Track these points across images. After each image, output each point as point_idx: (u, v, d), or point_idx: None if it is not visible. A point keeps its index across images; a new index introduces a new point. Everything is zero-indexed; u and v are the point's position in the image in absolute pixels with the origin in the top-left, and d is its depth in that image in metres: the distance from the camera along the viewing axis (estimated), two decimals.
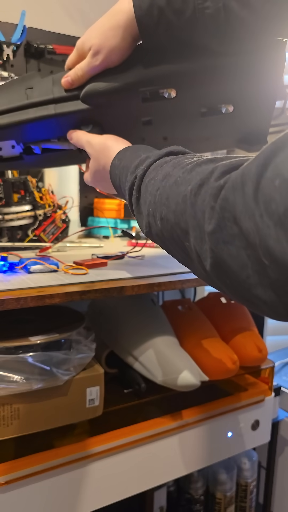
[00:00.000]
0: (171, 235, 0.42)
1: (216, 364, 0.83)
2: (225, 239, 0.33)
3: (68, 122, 0.65)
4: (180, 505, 1.10)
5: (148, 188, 0.47)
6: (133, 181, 0.51)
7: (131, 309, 0.88)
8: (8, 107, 0.64)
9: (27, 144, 0.69)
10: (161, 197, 0.43)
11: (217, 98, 0.65)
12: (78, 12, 1.23)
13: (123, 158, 0.57)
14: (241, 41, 0.59)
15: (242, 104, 0.66)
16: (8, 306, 0.58)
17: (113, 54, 0.60)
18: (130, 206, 0.53)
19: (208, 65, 0.61)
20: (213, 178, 0.35)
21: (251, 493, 1.14)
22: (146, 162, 0.50)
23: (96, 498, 0.76)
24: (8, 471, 0.67)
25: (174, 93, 0.62)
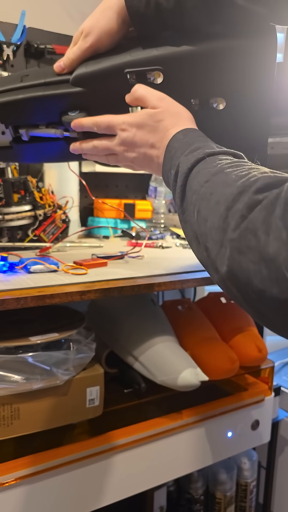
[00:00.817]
0: (199, 230, 0.42)
1: (216, 364, 0.83)
2: (241, 248, 0.34)
3: (56, 105, 0.65)
4: (180, 505, 1.10)
5: (199, 175, 0.45)
6: (188, 160, 0.48)
7: (131, 309, 0.88)
8: (1, 89, 0.65)
9: (15, 127, 0.69)
10: (206, 190, 0.42)
11: (208, 90, 0.64)
12: (78, 12, 1.23)
13: (188, 135, 0.54)
14: (231, 21, 0.58)
15: (236, 102, 0.64)
16: (9, 306, 0.58)
17: (103, 35, 0.61)
18: (174, 184, 0.50)
19: (195, 50, 0.60)
20: (253, 188, 0.36)
21: (251, 493, 1.14)
22: (209, 148, 0.48)
23: (96, 498, 0.76)
24: (8, 471, 0.67)
25: (161, 78, 0.61)
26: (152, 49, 0.61)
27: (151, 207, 1.24)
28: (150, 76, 0.61)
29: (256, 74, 0.63)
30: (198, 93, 0.64)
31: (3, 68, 1.06)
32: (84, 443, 0.74)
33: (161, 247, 1.01)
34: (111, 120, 0.60)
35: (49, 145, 0.70)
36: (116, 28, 0.61)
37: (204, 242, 0.41)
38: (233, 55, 0.61)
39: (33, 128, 0.68)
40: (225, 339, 0.93)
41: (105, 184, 1.29)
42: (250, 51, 0.61)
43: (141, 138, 0.58)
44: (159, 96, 0.59)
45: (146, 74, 0.61)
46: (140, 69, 0.61)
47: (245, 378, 1.01)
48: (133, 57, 0.60)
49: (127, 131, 0.59)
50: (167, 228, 1.26)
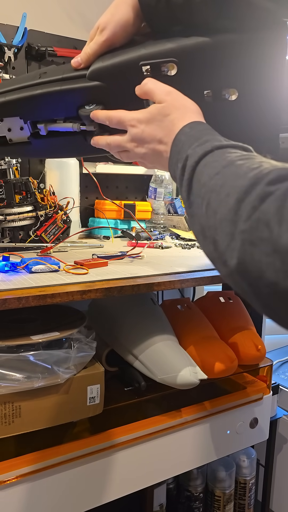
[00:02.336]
0: (208, 223, 0.41)
1: (215, 363, 0.84)
2: (253, 240, 0.33)
3: (73, 99, 0.66)
4: (179, 503, 1.11)
5: (207, 168, 0.45)
6: (196, 152, 0.48)
7: (131, 309, 0.89)
8: (19, 85, 0.67)
9: (34, 122, 0.70)
10: (216, 182, 0.42)
11: (220, 82, 0.65)
12: (78, 14, 1.24)
13: (195, 128, 0.53)
14: (240, 16, 0.59)
15: (247, 93, 0.66)
16: (10, 305, 0.59)
17: (119, 28, 0.62)
18: (181, 177, 0.50)
19: (209, 42, 0.62)
20: (266, 180, 0.35)
21: (250, 491, 1.15)
22: (217, 142, 0.48)
23: (96, 495, 0.76)
24: (9, 469, 0.67)
25: (175, 70, 0.62)
26: (166, 41, 0.62)
27: (151, 208, 1.25)
28: (164, 68, 0.63)
29: (266, 66, 0.64)
30: (210, 84, 0.65)
31: (4, 70, 1.07)
32: (85, 441, 0.74)
33: (160, 247, 1.02)
34: (122, 116, 0.61)
35: (66, 140, 0.71)
36: (131, 22, 0.62)
37: (213, 235, 0.40)
38: (242, 47, 0.62)
39: (51, 123, 0.70)
40: (224, 338, 0.94)
41: (105, 185, 1.30)
42: (259, 44, 0.62)
43: (149, 134, 0.58)
44: (166, 90, 0.59)
45: (161, 67, 0.62)
46: (155, 61, 0.62)
47: (243, 376, 1.02)
48: (147, 50, 0.62)
49: (136, 127, 0.60)
50: (166, 229, 1.27)
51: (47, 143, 0.72)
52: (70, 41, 1.17)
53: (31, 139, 0.72)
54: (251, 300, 0.37)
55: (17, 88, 0.67)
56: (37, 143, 0.72)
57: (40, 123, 0.70)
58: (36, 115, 0.69)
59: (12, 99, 0.66)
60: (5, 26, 1.07)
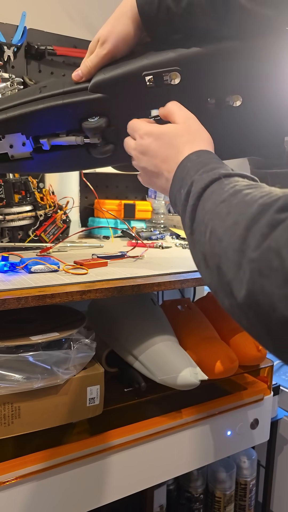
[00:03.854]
0: (212, 251, 0.40)
1: (216, 363, 0.84)
2: (262, 270, 0.32)
3: (75, 113, 0.66)
4: (180, 504, 1.11)
5: (213, 195, 0.44)
6: (202, 179, 0.47)
7: (131, 309, 0.88)
8: (20, 101, 0.66)
9: (36, 137, 0.70)
10: (222, 210, 0.40)
11: (224, 89, 0.65)
12: (78, 13, 1.23)
13: (202, 156, 0.53)
14: (239, 24, 0.59)
15: (252, 99, 0.66)
16: (9, 305, 0.59)
17: (119, 41, 0.62)
18: (184, 202, 0.49)
19: (210, 50, 0.62)
20: (275, 207, 0.34)
21: (250, 492, 1.14)
22: (225, 170, 0.47)
23: (96, 497, 0.76)
24: (8, 470, 0.67)
25: (178, 79, 0.62)
26: (168, 51, 0.62)
27: (151, 208, 1.25)
28: (167, 78, 0.63)
29: (269, 71, 0.64)
30: (214, 92, 0.65)
31: (3, 69, 1.07)
32: (85, 442, 0.74)
33: (161, 247, 1.02)
34: (137, 124, 0.62)
35: (69, 153, 0.71)
36: (132, 34, 0.62)
37: (217, 263, 0.38)
38: (244, 54, 0.62)
39: (54, 137, 0.69)
40: (224, 338, 0.94)
41: (105, 184, 1.29)
42: (261, 50, 0.62)
43: (155, 149, 0.58)
44: (187, 115, 0.59)
45: (163, 76, 0.63)
46: (157, 71, 0.62)
47: (244, 377, 1.01)
48: (150, 60, 0.62)
49: (144, 139, 0.60)
50: (166, 229, 1.26)
51: (49, 157, 0.72)
52: (70, 40, 1.17)
53: (34, 154, 0.71)
54: (260, 336, 0.35)
55: (17, 104, 0.67)
56: (40, 158, 0.72)
57: (42, 138, 0.69)
58: (39, 130, 0.69)
59: (14, 116, 0.66)
60: (4, 25, 1.07)
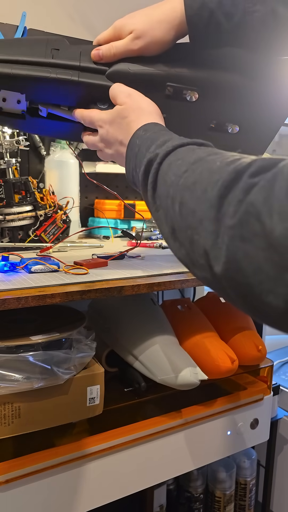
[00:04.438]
0: (184, 223, 0.39)
1: (215, 363, 0.84)
2: (244, 236, 0.31)
3: (87, 93, 0.64)
4: (179, 503, 1.11)
5: (173, 167, 0.43)
6: (156, 154, 0.46)
7: (131, 309, 0.88)
8: (30, 59, 0.61)
9: (35, 102, 0.67)
10: (187, 180, 0.39)
11: (229, 116, 0.68)
12: (78, 13, 1.23)
13: (150, 130, 0.52)
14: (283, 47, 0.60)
15: (247, 128, 0.69)
16: (9, 305, 0.59)
17: (153, 44, 0.61)
18: (143, 182, 0.48)
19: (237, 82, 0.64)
20: (248, 172, 0.33)
21: (250, 492, 1.15)
22: (178, 140, 0.46)
23: (96, 497, 0.76)
24: (8, 470, 0.67)
25: (195, 98, 0.64)
26: (198, 70, 0.63)
27: None
28: (186, 93, 0.64)
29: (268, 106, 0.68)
30: (219, 117, 0.68)
31: None
32: (84, 442, 0.74)
33: (161, 247, 1.02)
34: (92, 115, 0.62)
35: (64, 125, 0.70)
36: (169, 42, 0.62)
37: (190, 235, 0.37)
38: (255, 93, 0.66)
39: (55, 108, 0.67)
40: (224, 338, 0.94)
41: (105, 184, 1.29)
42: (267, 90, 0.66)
43: (112, 135, 0.59)
44: (127, 92, 0.59)
45: (183, 91, 0.64)
46: (180, 86, 0.63)
47: (244, 377, 1.01)
48: (177, 72, 0.63)
49: (103, 127, 0.60)
50: None
51: (43, 123, 0.70)
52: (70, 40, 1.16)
53: (27, 115, 0.69)
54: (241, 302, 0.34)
55: (25, 62, 0.61)
56: (33, 120, 0.70)
57: (43, 104, 0.67)
58: (42, 97, 0.66)
59: (20, 75, 0.61)
60: (4, 25, 1.07)
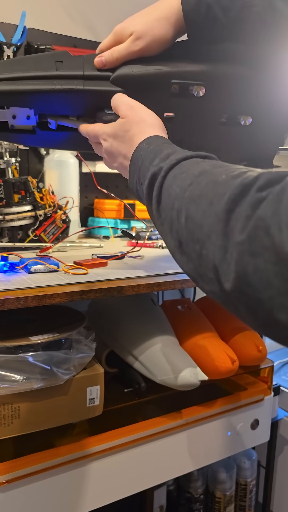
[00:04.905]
0: (191, 237, 0.38)
1: (216, 364, 0.84)
2: (253, 251, 0.31)
3: (94, 101, 0.65)
4: (180, 504, 1.11)
5: (177, 180, 0.42)
6: (160, 168, 0.46)
7: (131, 309, 0.88)
8: (35, 74, 0.62)
9: (44, 115, 0.68)
10: (192, 193, 0.39)
11: (240, 108, 0.67)
12: (78, 13, 1.23)
13: (153, 143, 0.52)
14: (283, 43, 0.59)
15: (260, 119, 0.68)
16: (9, 305, 0.59)
17: (154, 43, 0.61)
18: (148, 196, 0.48)
19: (242, 72, 0.63)
20: (256, 186, 0.33)
21: (250, 492, 1.14)
22: (181, 153, 0.46)
23: (96, 497, 0.76)
24: (8, 471, 0.67)
25: (203, 93, 0.63)
26: (201, 64, 0.63)
27: None
28: (193, 89, 0.63)
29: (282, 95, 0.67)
30: (229, 110, 0.67)
31: None
32: (84, 443, 0.74)
33: (161, 247, 1.02)
34: (96, 130, 0.62)
35: (74, 135, 0.70)
36: (170, 39, 0.61)
37: (198, 249, 0.37)
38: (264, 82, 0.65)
39: (64, 118, 0.68)
40: (224, 338, 0.93)
41: (105, 184, 1.29)
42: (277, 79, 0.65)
43: (116, 149, 0.59)
44: (129, 104, 0.59)
45: (189, 86, 0.63)
46: (186, 82, 0.62)
47: (244, 377, 1.01)
48: (180, 69, 0.62)
49: (107, 141, 0.60)
50: None
51: (53, 135, 0.70)
52: (70, 40, 1.16)
53: (38, 130, 0.69)
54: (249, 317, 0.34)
55: (31, 77, 0.62)
56: (43, 134, 0.70)
57: (51, 117, 0.67)
58: (50, 109, 0.66)
59: (27, 90, 0.62)
60: (4, 24, 1.07)
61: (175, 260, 0.44)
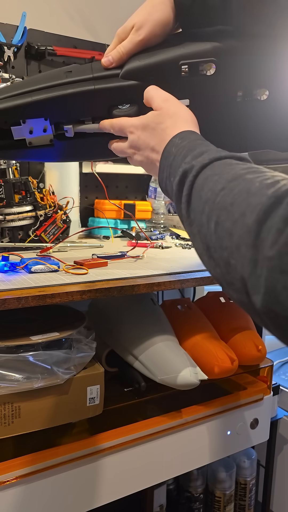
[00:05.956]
0: (220, 244, 0.38)
1: (215, 363, 0.84)
2: (283, 268, 0.30)
3: (106, 99, 0.65)
4: (179, 503, 1.11)
5: (209, 182, 0.41)
6: (192, 166, 0.45)
7: (131, 309, 0.88)
8: (46, 84, 0.64)
9: (60, 125, 0.68)
10: (224, 198, 0.38)
11: (253, 82, 0.66)
12: (78, 13, 1.23)
13: (186, 139, 0.51)
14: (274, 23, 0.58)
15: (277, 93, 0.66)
16: (10, 305, 0.59)
17: (156, 28, 0.61)
18: (178, 193, 0.47)
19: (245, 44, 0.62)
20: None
21: (250, 491, 1.15)
22: (215, 153, 0.45)
23: (96, 496, 0.76)
24: (8, 470, 0.67)
25: (213, 70, 0.63)
26: (204, 42, 0.62)
27: (151, 208, 1.25)
28: (202, 68, 0.63)
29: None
30: (243, 85, 0.66)
31: (4, 69, 1.07)
32: (84, 442, 0.74)
33: (160, 247, 1.02)
34: (123, 122, 0.61)
35: (92, 141, 0.70)
36: (171, 21, 0.61)
37: (226, 257, 0.36)
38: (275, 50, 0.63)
39: (79, 124, 0.68)
40: (224, 338, 0.94)
41: (105, 184, 1.29)
42: None
43: (144, 141, 0.58)
44: (164, 97, 0.58)
45: (199, 66, 0.63)
46: (194, 61, 0.62)
47: (244, 377, 1.01)
48: (186, 50, 0.62)
49: (134, 133, 0.59)
50: (166, 229, 1.26)
51: (70, 145, 0.70)
52: (70, 40, 1.17)
53: (55, 141, 0.69)
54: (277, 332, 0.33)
55: (43, 88, 0.64)
56: (61, 146, 0.70)
57: (67, 124, 0.67)
58: (64, 116, 0.67)
59: (40, 99, 0.63)
60: (4, 25, 1.07)
61: (202, 262, 0.43)
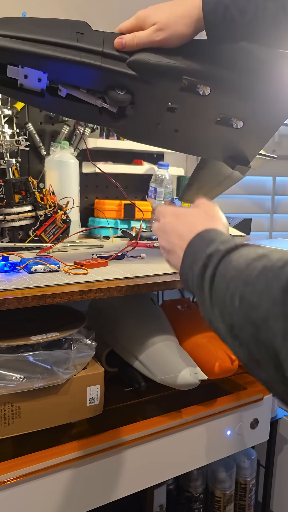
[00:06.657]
0: (246, 320, 0.37)
1: (215, 363, 0.84)
2: None
3: (107, 79, 0.67)
4: (179, 503, 1.11)
5: (233, 263, 0.42)
6: (217, 250, 0.46)
7: (131, 309, 0.88)
8: (56, 41, 0.63)
9: (56, 82, 0.69)
10: (249, 274, 0.38)
11: (235, 112, 0.72)
12: (78, 13, 1.23)
13: (213, 232, 0.52)
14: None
15: (251, 125, 0.74)
16: (10, 305, 0.59)
17: (174, 37, 0.64)
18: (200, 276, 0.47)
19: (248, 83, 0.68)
20: None
21: (250, 491, 1.15)
22: (240, 241, 0.47)
23: (96, 496, 0.76)
24: (8, 470, 0.67)
25: (208, 92, 0.68)
26: (212, 66, 0.67)
27: (151, 208, 1.25)
28: (199, 87, 0.68)
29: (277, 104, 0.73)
30: (226, 111, 0.73)
31: None
32: (84, 442, 0.74)
33: None
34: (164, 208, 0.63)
35: (81, 106, 0.72)
36: (189, 36, 0.64)
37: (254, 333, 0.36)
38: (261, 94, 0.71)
39: (75, 89, 0.70)
40: None
41: (105, 184, 1.29)
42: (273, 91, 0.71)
43: (172, 226, 0.58)
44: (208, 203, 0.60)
45: (197, 84, 0.68)
46: (195, 80, 0.67)
47: (244, 377, 1.01)
48: (194, 67, 0.66)
49: (167, 218, 0.60)
50: None
51: (60, 102, 0.72)
52: None
53: (47, 94, 0.70)
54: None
55: (51, 43, 0.63)
56: (51, 99, 0.71)
57: (63, 85, 0.69)
58: (63, 77, 0.68)
59: (46, 54, 0.62)
60: None
61: (226, 345, 0.42)
